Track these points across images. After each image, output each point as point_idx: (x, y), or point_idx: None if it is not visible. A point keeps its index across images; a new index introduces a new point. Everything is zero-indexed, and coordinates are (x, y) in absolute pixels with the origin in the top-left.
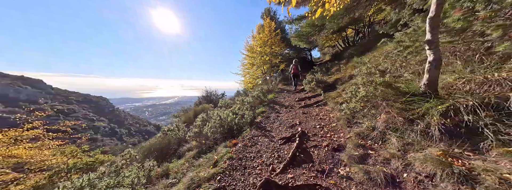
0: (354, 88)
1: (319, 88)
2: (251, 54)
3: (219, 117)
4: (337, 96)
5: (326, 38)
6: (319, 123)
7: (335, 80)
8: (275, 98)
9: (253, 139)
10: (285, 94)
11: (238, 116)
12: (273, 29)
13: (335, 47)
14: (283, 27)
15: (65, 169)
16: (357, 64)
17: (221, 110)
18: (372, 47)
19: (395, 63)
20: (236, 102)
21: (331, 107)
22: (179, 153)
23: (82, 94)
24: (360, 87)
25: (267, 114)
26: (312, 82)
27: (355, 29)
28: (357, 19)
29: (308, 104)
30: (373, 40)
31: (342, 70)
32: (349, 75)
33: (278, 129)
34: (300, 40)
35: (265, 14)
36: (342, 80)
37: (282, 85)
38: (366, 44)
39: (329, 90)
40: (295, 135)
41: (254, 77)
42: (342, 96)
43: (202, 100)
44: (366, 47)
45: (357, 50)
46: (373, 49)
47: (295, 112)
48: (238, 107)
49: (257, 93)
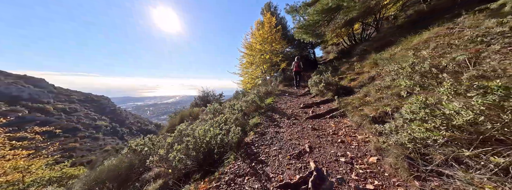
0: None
1: (329, 91)
2: (250, 52)
3: (193, 136)
4: (361, 104)
5: (334, 31)
6: (342, 151)
7: (349, 81)
8: (274, 103)
9: (235, 183)
10: (287, 97)
11: (222, 132)
12: (273, 25)
13: (339, 45)
14: (285, 23)
15: None
16: (380, 61)
17: (203, 122)
18: (393, 41)
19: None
20: (226, 108)
21: (355, 122)
22: (143, 181)
23: (84, 93)
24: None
25: (262, 129)
26: (320, 83)
27: (363, 24)
28: (370, 10)
29: (318, 114)
30: (390, 34)
31: (356, 69)
32: (369, 75)
33: (277, 160)
34: (306, 32)
35: (265, 9)
36: (360, 81)
37: (283, 86)
38: (381, 39)
39: (343, 94)
40: (305, 182)
41: (253, 76)
42: (369, 104)
43: (199, 101)
44: (383, 42)
45: (371, 45)
46: (395, 44)
47: (302, 126)
48: (225, 118)
49: (252, 97)
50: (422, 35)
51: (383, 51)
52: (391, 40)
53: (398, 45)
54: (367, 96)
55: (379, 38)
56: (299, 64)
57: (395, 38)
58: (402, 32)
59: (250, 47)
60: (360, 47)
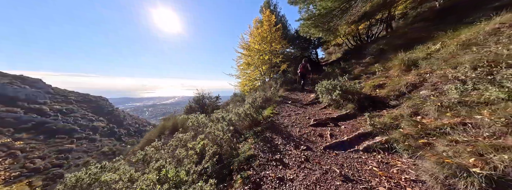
0: None
1: (348, 101)
2: (248, 53)
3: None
4: (421, 133)
5: (349, 25)
6: None
7: (373, 88)
8: (274, 115)
9: None
10: (290, 106)
11: (189, 178)
12: (273, 24)
13: (341, 46)
14: (285, 22)
15: None
16: (422, 63)
17: (168, 149)
18: (425, 37)
19: None
20: (213, 121)
21: (428, 171)
22: None
23: (82, 93)
24: None
25: (257, 170)
26: (334, 91)
27: (370, 23)
28: (387, 3)
29: (342, 142)
30: (415, 30)
31: (379, 72)
32: (407, 81)
33: None
34: (315, 26)
35: (264, 7)
36: (393, 89)
37: (285, 91)
38: (402, 36)
39: (371, 108)
40: None
41: (252, 79)
42: (444, 136)
43: (194, 104)
44: (408, 39)
45: (390, 43)
46: (429, 40)
47: (321, 168)
48: (202, 145)
49: (247, 107)
50: (476, 27)
51: (412, 50)
52: (421, 36)
53: (437, 41)
54: (419, 115)
55: (399, 35)
56: (306, 66)
57: (428, 33)
58: (429, 27)
59: (247, 47)
60: (373, 46)
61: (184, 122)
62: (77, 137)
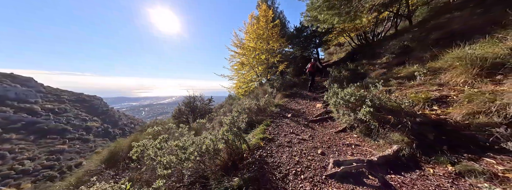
0: None
1: (390, 127)
2: (242, 51)
3: None
4: None
5: (372, 10)
6: None
7: (426, 104)
8: (267, 143)
9: None
10: (291, 123)
11: None
12: (270, 20)
13: (343, 46)
14: (283, 19)
15: None
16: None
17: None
18: (477, 26)
19: None
20: (172, 152)
21: None
22: None
23: (75, 93)
24: None
25: None
26: (363, 107)
27: (378, 20)
28: None
29: None
30: (457, 20)
31: (423, 77)
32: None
33: None
34: (330, 7)
35: (260, 1)
36: (476, 108)
37: (283, 97)
38: (437, 28)
39: (439, 144)
40: None
41: (247, 80)
42: None
43: (184, 107)
44: (447, 32)
45: (417, 38)
46: (482, 30)
47: None
48: None
49: (224, 130)
50: None
51: (471, 45)
52: (473, 26)
53: None
54: None
55: (429, 28)
56: (315, 65)
57: (486, 20)
58: (481, 14)
59: (242, 45)
60: (392, 43)
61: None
62: (69, 138)
